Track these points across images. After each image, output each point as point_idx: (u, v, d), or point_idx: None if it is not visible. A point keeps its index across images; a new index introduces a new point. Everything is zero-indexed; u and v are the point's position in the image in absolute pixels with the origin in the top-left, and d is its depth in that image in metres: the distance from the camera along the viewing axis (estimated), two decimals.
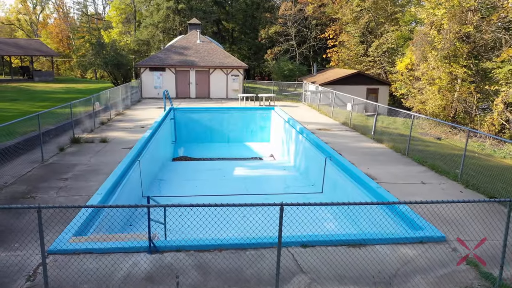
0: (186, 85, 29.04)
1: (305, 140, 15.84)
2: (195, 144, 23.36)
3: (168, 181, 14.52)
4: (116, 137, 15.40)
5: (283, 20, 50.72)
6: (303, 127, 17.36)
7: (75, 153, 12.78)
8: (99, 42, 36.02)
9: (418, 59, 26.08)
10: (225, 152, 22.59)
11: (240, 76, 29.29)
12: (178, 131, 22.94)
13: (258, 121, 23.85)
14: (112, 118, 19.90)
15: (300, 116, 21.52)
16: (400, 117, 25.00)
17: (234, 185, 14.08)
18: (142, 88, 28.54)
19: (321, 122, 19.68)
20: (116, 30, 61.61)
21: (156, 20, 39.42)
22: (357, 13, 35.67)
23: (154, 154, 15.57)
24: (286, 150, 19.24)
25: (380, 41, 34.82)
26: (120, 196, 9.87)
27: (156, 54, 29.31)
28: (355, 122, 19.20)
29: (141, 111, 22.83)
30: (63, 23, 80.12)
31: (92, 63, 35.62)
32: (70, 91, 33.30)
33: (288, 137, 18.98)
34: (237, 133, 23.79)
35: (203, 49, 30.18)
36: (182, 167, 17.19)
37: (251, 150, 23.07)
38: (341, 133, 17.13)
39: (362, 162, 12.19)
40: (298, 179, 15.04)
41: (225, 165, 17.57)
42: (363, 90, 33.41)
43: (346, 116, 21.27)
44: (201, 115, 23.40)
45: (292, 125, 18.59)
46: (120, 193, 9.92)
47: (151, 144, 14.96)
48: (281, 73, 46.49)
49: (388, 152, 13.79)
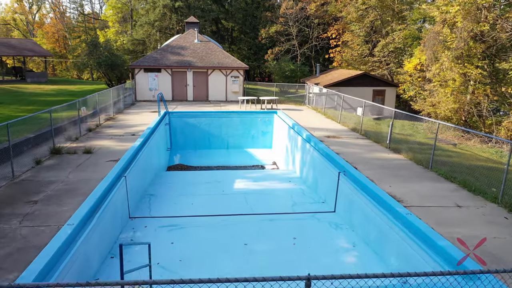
0: (183, 87, 27.45)
1: (313, 149, 14.24)
2: (192, 150, 21.79)
3: (160, 196, 12.92)
4: (102, 146, 13.80)
5: (284, 19, 49.12)
6: (310, 134, 15.77)
7: (52, 167, 11.18)
8: (93, 41, 34.42)
9: (429, 60, 24.52)
10: (224, 160, 21.05)
11: (240, 78, 27.70)
12: (173, 137, 21.36)
13: (259, 126, 22.28)
14: (101, 124, 18.30)
15: (305, 120, 19.94)
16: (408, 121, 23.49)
17: (234, 202, 12.48)
18: (136, 90, 26.94)
19: (329, 128, 18.10)
20: (113, 30, 60.04)
21: (152, 19, 37.76)
22: (362, 11, 34.10)
23: (145, 165, 13.98)
24: (291, 159, 17.66)
25: (386, 40, 33.25)
26: (100, 222, 8.29)
27: (151, 54, 27.72)
28: (366, 128, 17.63)
29: (134, 115, 21.23)
30: (60, 22, 78.57)
31: (86, 63, 34.02)
32: (61, 93, 31.68)
33: (293, 145, 17.40)
34: (237, 138, 22.22)
35: (201, 49, 28.60)
36: (176, 178, 15.60)
37: (252, 157, 21.52)
38: (352, 141, 15.54)
39: (381, 178, 10.61)
40: (306, 193, 13.44)
41: (224, 176, 15.99)
42: (369, 92, 31.89)
43: (355, 121, 19.68)
44: (198, 120, 21.82)
45: (297, 131, 17.00)
46: (100, 218, 8.33)
47: (141, 154, 13.37)
48: (282, 73, 44.90)
49: (408, 165, 12.20)
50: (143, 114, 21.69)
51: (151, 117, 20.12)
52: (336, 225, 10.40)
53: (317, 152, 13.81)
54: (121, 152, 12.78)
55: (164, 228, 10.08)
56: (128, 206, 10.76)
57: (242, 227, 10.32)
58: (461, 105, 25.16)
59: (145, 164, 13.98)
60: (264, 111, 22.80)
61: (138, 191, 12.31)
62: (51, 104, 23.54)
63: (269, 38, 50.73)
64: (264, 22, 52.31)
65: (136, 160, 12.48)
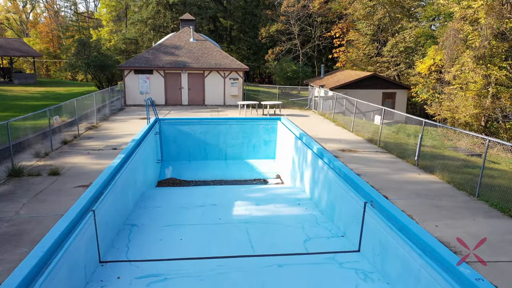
0: (177, 90, 25.12)
1: (327, 168, 11.93)
2: (186, 162, 19.49)
3: (143, 227, 10.60)
4: (75, 165, 11.48)
5: (285, 18, 46.83)
6: (322, 148, 13.46)
7: (3, 197, 8.85)
8: (81, 40, 32.07)
9: (448, 60, 22.23)
10: (222, 172, 18.76)
11: (240, 80, 25.39)
12: (165, 147, 19.05)
13: (261, 134, 19.98)
14: (81, 134, 15.97)
15: (312, 129, 17.65)
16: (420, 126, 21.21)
17: (233, 236, 10.18)
18: (126, 94, 24.61)
19: (342, 139, 15.79)
20: (107, 29, 57.67)
21: (145, 16, 35.36)
22: (370, 8, 31.79)
23: (127, 186, 11.67)
24: (298, 174, 15.34)
25: (396, 39, 30.95)
26: (49, 283, 6.00)
27: (143, 54, 25.39)
28: (384, 138, 15.32)
29: (120, 123, 18.90)
30: (54, 22, 76.29)
31: (74, 64, 31.67)
32: (47, 97, 29.34)
33: (301, 159, 15.08)
34: (236, 148, 19.93)
35: (197, 49, 26.28)
36: (166, 199, 13.28)
37: (254, 170, 19.22)
38: (372, 156, 13.24)
39: (421, 212, 8.31)
40: (320, 222, 11.13)
41: (221, 196, 13.68)
42: (378, 94, 29.61)
43: (371, 130, 17.39)
44: (193, 127, 19.51)
45: (306, 144, 14.69)
46: (49, 278, 6.03)
47: (122, 174, 11.06)
48: (284, 74, 42.65)
49: (448, 191, 9.90)
50: (131, 121, 19.36)
51: (139, 125, 17.80)
52: (364, 273, 8.09)
53: (332, 171, 11.50)
54: (96, 173, 10.46)
55: (142, 280, 7.76)
56: (98, 248, 8.43)
57: (243, 277, 8.02)
58: (481, 110, 22.89)
59: (127, 185, 11.67)
60: (267, 118, 20.49)
61: (115, 223, 9.99)
62: (30, 109, 21.22)
63: (270, 37, 48.45)
64: (264, 20, 50.04)
65: (114, 184, 10.16)
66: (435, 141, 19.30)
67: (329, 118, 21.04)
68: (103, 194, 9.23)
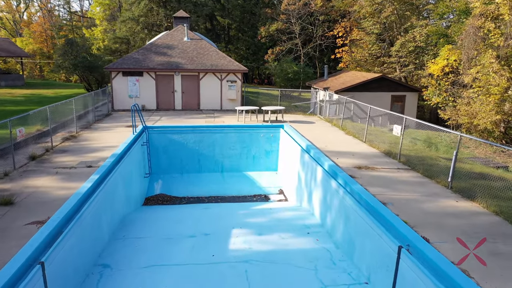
0: (170, 94, 23.04)
1: (343, 192, 9.87)
2: (178, 175, 17.44)
3: (117, 270, 8.53)
4: (37, 190, 9.41)
5: (285, 16, 44.83)
6: (335, 165, 11.42)
7: None
8: (68, 40, 29.97)
9: (467, 60, 20.21)
10: (217, 187, 16.74)
11: (238, 82, 23.32)
12: (154, 159, 16.99)
13: (262, 144, 17.93)
14: (55, 146, 13.88)
15: (320, 138, 15.61)
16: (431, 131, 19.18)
17: (228, 282, 8.12)
18: (114, 98, 22.51)
19: (355, 152, 13.74)
20: (100, 28, 55.54)
21: (136, 14, 33.21)
22: (377, 5, 29.74)
23: (101, 215, 9.61)
24: (306, 193, 13.29)
25: (406, 38, 28.91)
26: None
27: (132, 54, 23.29)
28: (403, 150, 13.26)
29: (103, 132, 16.82)
30: (47, 21, 74.18)
31: (60, 65, 29.57)
32: (30, 101, 27.22)
33: (309, 176, 13.03)
34: (234, 159, 17.88)
35: (192, 48, 24.20)
36: (150, 227, 11.21)
37: (254, 183, 17.19)
38: (394, 174, 11.20)
39: (477, 266, 6.26)
40: (335, 260, 9.08)
41: (216, 222, 11.64)
42: (387, 97, 27.61)
43: (385, 140, 15.37)
44: (185, 136, 17.45)
45: (315, 158, 12.64)
46: None
47: (92, 201, 9.01)
48: (285, 75, 40.66)
49: (500, 226, 7.85)
50: (117, 129, 17.27)
51: (125, 135, 15.72)
52: None
53: (350, 197, 9.45)
54: (60, 201, 8.40)
55: None
56: None
57: None
58: (502, 116, 20.88)
59: (101, 212, 9.62)
60: (268, 125, 18.43)
61: (80, 268, 7.92)
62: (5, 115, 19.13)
63: (269, 37, 46.46)
64: (263, 19, 48.04)
65: (80, 216, 8.10)
66: (451, 148, 17.23)
67: (337, 125, 18.99)
68: (62, 235, 7.16)
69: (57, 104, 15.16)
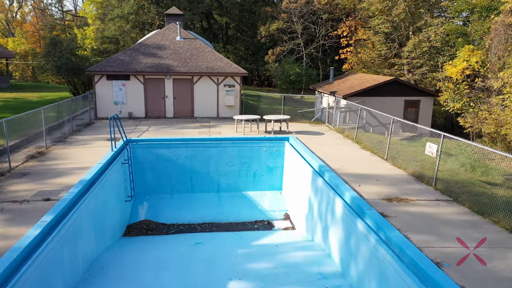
0: (160, 100, 20.61)
1: (375, 240, 7.47)
2: (168, 195, 15.05)
3: None
4: None
5: (286, 15, 42.42)
6: (359, 198, 9.02)
7: None
8: (52, 40, 27.52)
9: (496, 63, 17.84)
10: (212, 210, 14.39)
11: (237, 87, 20.91)
12: (139, 178, 14.59)
13: (264, 159, 15.54)
14: (15, 168, 11.44)
15: (333, 155, 13.21)
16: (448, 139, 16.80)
17: None
18: (97, 104, 20.07)
19: (378, 174, 11.33)
20: (93, 28, 53.04)
21: (126, 11, 30.70)
22: (389, 1, 27.33)
23: (52, 270, 7.20)
24: (319, 226, 10.88)
25: (419, 37, 26.52)
26: None
27: (118, 55, 20.85)
28: (441, 173, 10.83)
29: (79, 147, 14.37)
30: (40, 21, 71.74)
31: (43, 67, 27.14)
32: (6, 107, 24.67)
33: (324, 206, 10.62)
34: (232, 177, 15.49)
35: (185, 49, 21.78)
36: (126, 277, 8.79)
37: (255, 206, 14.82)
38: (434, 210, 8.79)
39: None
40: None
41: (209, 267, 9.24)
42: (400, 102, 25.24)
43: (411, 156, 12.97)
44: (176, 151, 15.05)
45: (331, 185, 10.24)
46: None
47: (40, 255, 6.61)
48: (286, 78, 38.21)
49: None
50: (95, 144, 14.83)
51: (104, 151, 13.28)
52: None
53: (386, 248, 7.04)
54: None
55: None
56: None
57: None
58: None
59: (54, 267, 7.21)
60: (271, 137, 16.02)
61: None
62: None
63: (270, 36, 44.06)
64: (263, 18, 45.62)
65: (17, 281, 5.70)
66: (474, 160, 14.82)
67: (350, 137, 16.57)
68: None
69: (15, 117, 12.67)
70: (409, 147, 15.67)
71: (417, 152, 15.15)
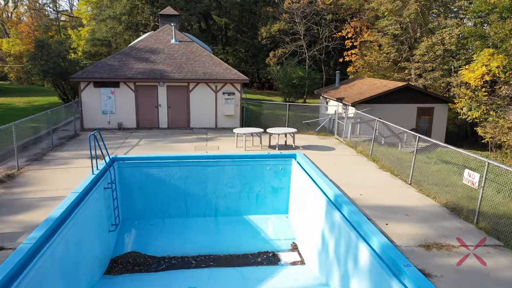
0: (153, 109, 18.83)
1: None
2: (158, 221, 13.28)
3: None
4: None
5: (288, 15, 40.66)
6: (391, 246, 7.26)
7: None
8: (39, 42, 25.72)
9: None
10: (209, 239, 12.64)
11: (237, 95, 19.14)
12: (125, 202, 12.83)
13: (268, 179, 13.77)
14: None
15: (348, 178, 11.44)
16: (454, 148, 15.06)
17: None
18: (83, 114, 18.28)
19: (406, 207, 9.54)
20: (88, 28, 51.22)
21: (118, 12, 28.88)
22: (400, 1, 25.55)
23: None
24: (337, 267, 9.10)
25: (433, 40, 24.76)
26: None
27: (106, 60, 19.05)
28: (484, 208, 9.04)
29: (57, 167, 12.57)
30: (35, 21, 69.98)
31: (29, 71, 25.35)
32: None
33: (343, 247, 8.83)
34: (231, 200, 13.72)
35: (181, 53, 20.00)
36: None
37: (257, 233, 13.06)
38: (485, 261, 7.01)
39: None
40: None
41: None
42: (412, 110, 23.54)
43: (437, 179, 11.19)
44: (168, 171, 13.28)
45: (352, 222, 8.47)
46: None
47: None
48: (289, 81, 36.36)
49: None
50: (76, 162, 13.03)
51: (85, 172, 11.51)
52: None
53: None
54: None
55: None
56: None
57: None
58: None
59: None
60: (276, 154, 14.24)
61: None
62: None
63: (271, 38, 42.28)
64: (264, 19, 43.87)
65: None
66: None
67: (365, 153, 14.79)
68: None
69: None
70: (432, 165, 13.91)
71: (442, 172, 13.40)
